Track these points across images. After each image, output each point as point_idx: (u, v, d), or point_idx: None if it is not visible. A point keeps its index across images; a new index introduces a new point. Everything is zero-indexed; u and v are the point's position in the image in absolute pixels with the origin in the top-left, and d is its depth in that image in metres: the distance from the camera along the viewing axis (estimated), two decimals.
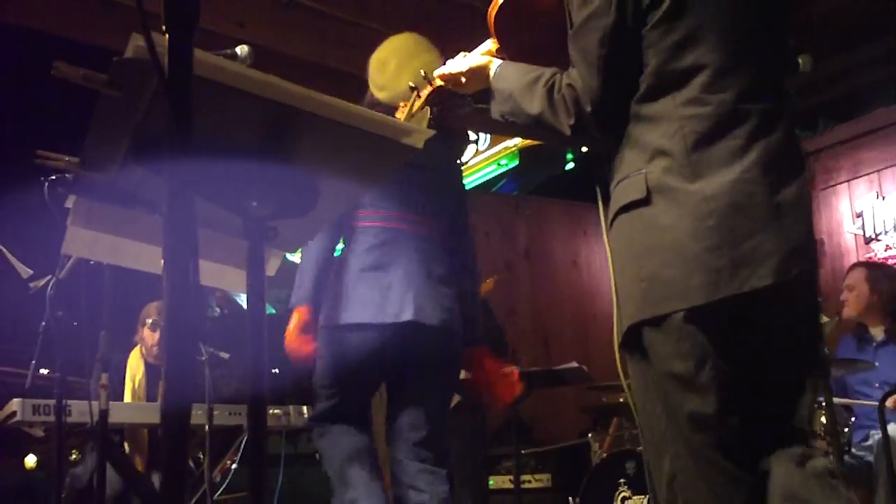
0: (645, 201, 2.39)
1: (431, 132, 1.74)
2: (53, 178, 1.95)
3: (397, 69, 3.31)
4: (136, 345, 6.31)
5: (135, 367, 6.14)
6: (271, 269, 2.14)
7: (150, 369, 6.20)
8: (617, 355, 2.53)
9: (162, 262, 2.12)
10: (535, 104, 2.57)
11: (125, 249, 2.12)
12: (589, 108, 2.47)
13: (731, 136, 2.35)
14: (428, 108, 1.95)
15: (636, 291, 2.41)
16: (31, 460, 9.73)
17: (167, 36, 1.39)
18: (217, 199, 1.87)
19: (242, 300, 11.73)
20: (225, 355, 5.36)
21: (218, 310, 8.47)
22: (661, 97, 2.43)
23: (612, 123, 2.50)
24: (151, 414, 5.29)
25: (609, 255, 2.60)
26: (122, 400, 5.90)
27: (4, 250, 2.75)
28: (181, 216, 1.45)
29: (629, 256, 2.45)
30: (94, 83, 1.64)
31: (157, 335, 6.19)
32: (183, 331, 1.43)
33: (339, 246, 4.11)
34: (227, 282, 2.14)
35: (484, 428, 6.36)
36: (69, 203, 2.05)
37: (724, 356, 2.32)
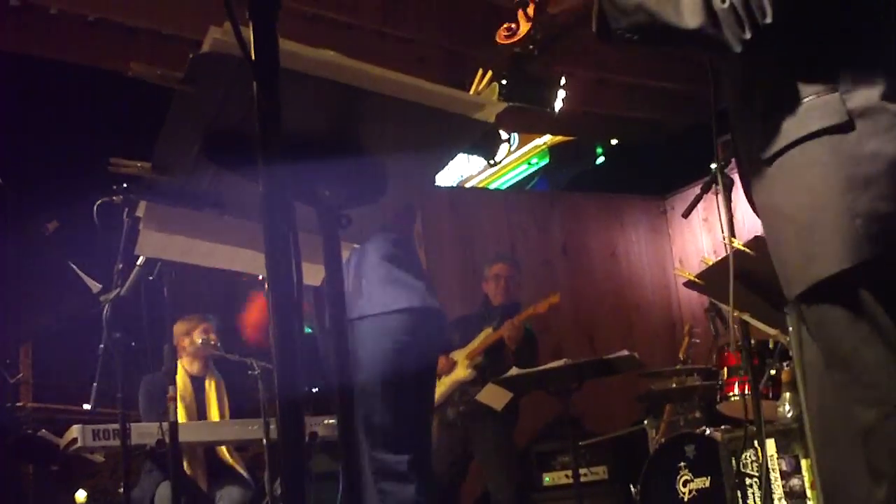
0: (844, 127, 2.07)
1: (504, 105, 1.75)
2: (125, 185, 1.97)
3: None
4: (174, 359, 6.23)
5: (183, 383, 6.11)
6: None
7: (194, 382, 6.18)
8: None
9: (235, 259, 2.17)
10: (685, 16, 2.12)
11: (197, 249, 2.15)
12: (770, 19, 2.07)
13: None
14: (496, 84, 1.96)
15: (848, 229, 2.04)
16: (80, 496, 9.75)
17: (251, 24, 1.41)
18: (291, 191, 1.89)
19: None
20: None
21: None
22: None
23: (796, 37, 2.14)
24: (212, 431, 5.33)
25: (754, 191, 2.26)
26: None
27: (74, 266, 2.79)
28: (278, 214, 1.47)
29: (830, 190, 2.08)
30: (168, 81, 1.67)
31: (210, 336, 6.13)
32: (289, 329, 1.45)
33: None
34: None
35: (513, 423, 6.39)
36: (140, 210, 2.08)
37: None
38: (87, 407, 5.20)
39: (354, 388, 3.52)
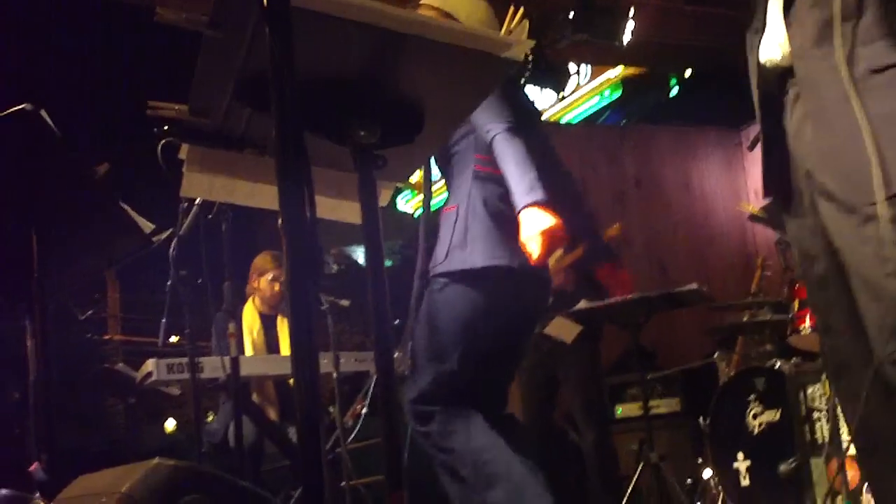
0: None
1: (532, 42, 1.74)
2: (165, 128, 1.98)
3: None
4: (248, 296, 6.41)
5: (250, 319, 6.24)
6: (383, 199, 2.16)
7: (265, 319, 6.31)
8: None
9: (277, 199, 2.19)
10: None
11: (239, 189, 2.18)
12: None
13: None
14: (527, 21, 1.94)
15: None
16: (170, 425, 10.09)
17: None
18: (323, 131, 1.90)
19: (358, 256, 11.87)
20: (345, 303, 5.42)
21: (335, 266, 8.48)
22: None
23: None
24: (277, 365, 5.41)
25: (851, 78, 2.22)
26: (244, 353, 6.00)
27: (126, 208, 2.83)
28: (293, 152, 1.48)
29: None
30: (195, 25, 1.68)
31: (276, 286, 6.29)
32: (303, 266, 1.47)
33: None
34: (342, 214, 2.18)
35: (599, 355, 6.35)
36: (182, 152, 2.11)
37: None
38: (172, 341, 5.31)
39: (442, 338, 3.51)
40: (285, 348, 6.17)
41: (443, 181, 3.79)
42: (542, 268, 3.60)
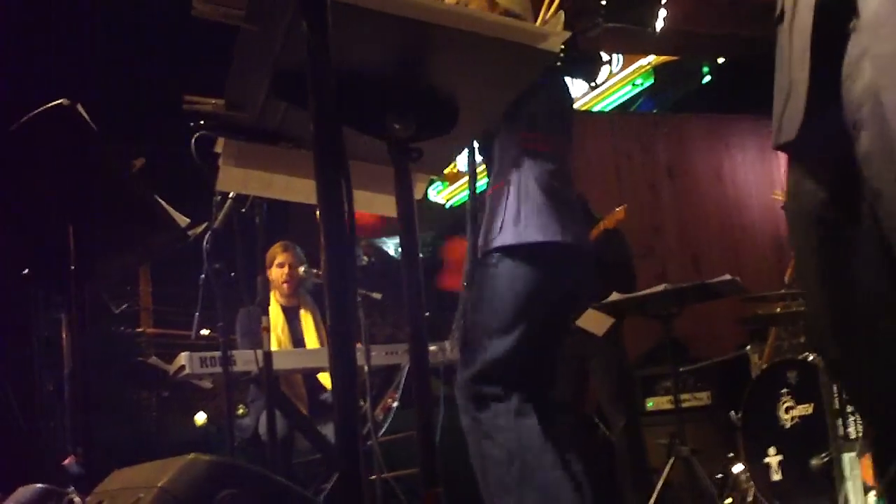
0: None
1: (567, 34, 1.73)
2: (202, 122, 1.98)
3: None
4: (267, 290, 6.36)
5: (274, 314, 6.21)
6: (418, 192, 2.15)
7: (287, 312, 6.29)
8: None
9: (314, 193, 2.19)
10: None
11: (276, 183, 2.18)
12: None
13: None
14: (563, 12, 1.93)
15: None
16: (200, 417, 10.13)
17: None
18: (359, 125, 1.90)
19: (388, 248, 11.91)
20: (377, 295, 5.42)
21: (365, 258, 8.45)
22: None
23: None
24: (309, 359, 5.41)
25: None
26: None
27: (161, 202, 2.84)
28: (329, 146, 1.48)
29: None
30: (232, 19, 1.68)
31: (284, 271, 6.24)
32: (342, 259, 1.46)
33: None
34: (377, 207, 2.18)
35: (623, 346, 6.32)
36: (218, 146, 2.11)
37: None
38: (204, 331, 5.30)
39: (500, 312, 3.44)
40: (310, 341, 6.16)
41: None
42: (589, 245, 3.60)
